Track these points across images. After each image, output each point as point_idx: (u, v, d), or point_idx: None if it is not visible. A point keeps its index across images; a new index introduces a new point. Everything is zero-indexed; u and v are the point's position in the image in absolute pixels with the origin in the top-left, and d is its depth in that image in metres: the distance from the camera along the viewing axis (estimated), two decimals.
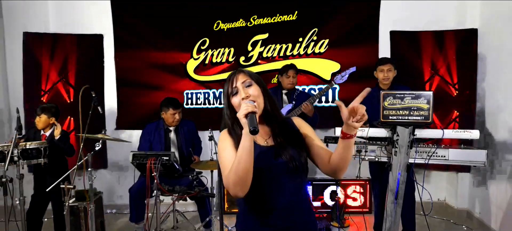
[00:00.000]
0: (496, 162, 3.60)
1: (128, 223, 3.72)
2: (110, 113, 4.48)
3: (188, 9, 4.43)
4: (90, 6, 4.38)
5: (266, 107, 1.51)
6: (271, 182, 1.48)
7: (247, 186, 1.39)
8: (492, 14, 3.79)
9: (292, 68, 3.68)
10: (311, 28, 4.36)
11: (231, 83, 1.51)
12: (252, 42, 4.41)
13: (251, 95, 1.47)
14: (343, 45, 4.34)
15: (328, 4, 4.35)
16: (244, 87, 1.48)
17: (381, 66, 3.29)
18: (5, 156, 2.88)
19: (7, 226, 3.05)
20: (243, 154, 1.35)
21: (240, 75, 1.51)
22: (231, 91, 1.50)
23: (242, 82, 1.49)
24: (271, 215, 1.49)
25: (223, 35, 4.44)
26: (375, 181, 3.40)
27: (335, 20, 4.34)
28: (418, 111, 2.51)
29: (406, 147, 2.56)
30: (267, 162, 1.47)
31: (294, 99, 3.68)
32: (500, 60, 3.65)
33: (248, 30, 4.41)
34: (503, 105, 3.56)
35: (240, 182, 1.37)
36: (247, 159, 1.35)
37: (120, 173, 4.52)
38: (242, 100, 1.45)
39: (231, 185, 1.39)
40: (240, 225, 1.60)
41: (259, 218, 1.51)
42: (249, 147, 1.35)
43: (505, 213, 3.47)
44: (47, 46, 4.28)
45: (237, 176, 1.36)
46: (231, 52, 4.44)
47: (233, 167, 1.38)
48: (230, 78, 1.52)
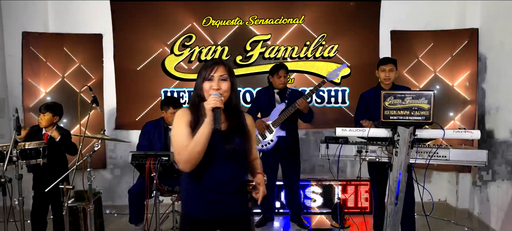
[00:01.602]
0: (496, 162, 3.60)
1: (127, 223, 3.70)
2: (110, 113, 4.46)
3: (173, 2, 4.36)
4: (90, 6, 4.37)
5: (230, 100, 1.73)
6: (213, 159, 1.69)
7: (196, 164, 1.63)
8: (492, 14, 3.79)
9: (282, 68, 3.69)
10: (320, 33, 4.35)
11: (210, 70, 1.69)
12: (252, 42, 4.40)
13: (221, 89, 1.67)
14: (352, 50, 4.33)
15: (335, 10, 4.33)
16: (219, 80, 1.68)
17: (383, 66, 3.27)
18: (4, 156, 2.86)
19: (6, 226, 3.05)
20: (202, 139, 1.60)
21: (220, 68, 1.69)
22: (207, 77, 1.68)
23: (220, 75, 1.68)
24: (210, 187, 1.71)
25: (214, 32, 4.39)
26: (374, 181, 3.39)
27: (343, 26, 4.33)
28: (419, 112, 2.50)
29: (407, 147, 2.55)
30: (215, 142, 1.67)
31: (287, 98, 3.69)
32: (501, 60, 3.64)
33: (246, 29, 4.39)
34: (504, 105, 3.56)
35: (192, 160, 1.62)
36: (203, 143, 1.60)
37: (120, 173, 4.51)
38: (212, 90, 1.66)
39: (183, 161, 1.63)
40: (185, 197, 1.81)
41: (200, 189, 1.73)
42: (207, 134, 1.60)
43: (505, 213, 3.46)
44: (47, 46, 4.27)
45: (191, 156, 1.61)
46: (225, 51, 4.41)
47: (189, 147, 1.61)
48: (211, 65, 1.70)
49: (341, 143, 2.82)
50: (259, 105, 3.82)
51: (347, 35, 4.34)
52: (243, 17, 4.38)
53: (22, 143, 2.99)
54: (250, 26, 4.39)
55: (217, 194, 1.72)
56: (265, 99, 3.76)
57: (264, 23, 4.38)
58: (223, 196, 1.72)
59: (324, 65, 4.38)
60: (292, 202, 3.94)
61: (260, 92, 3.87)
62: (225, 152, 1.69)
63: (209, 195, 1.72)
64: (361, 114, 3.32)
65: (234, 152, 1.70)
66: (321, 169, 4.48)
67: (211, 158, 1.68)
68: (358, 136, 2.75)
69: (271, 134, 3.66)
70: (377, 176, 3.30)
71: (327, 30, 4.35)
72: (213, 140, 1.65)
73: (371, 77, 3.56)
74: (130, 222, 3.57)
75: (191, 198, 1.78)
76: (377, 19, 4.30)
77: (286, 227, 3.92)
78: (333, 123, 4.22)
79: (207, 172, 1.70)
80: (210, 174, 1.70)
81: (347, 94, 4.41)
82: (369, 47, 4.33)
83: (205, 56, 4.40)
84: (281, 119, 3.60)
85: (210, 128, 1.59)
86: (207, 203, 1.73)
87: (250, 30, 4.39)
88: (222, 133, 1.70)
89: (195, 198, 1.76)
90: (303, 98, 3.52)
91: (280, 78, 3.66)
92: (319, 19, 4.35)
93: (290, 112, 3.57)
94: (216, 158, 1.69)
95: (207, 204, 1.73)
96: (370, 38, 4.33)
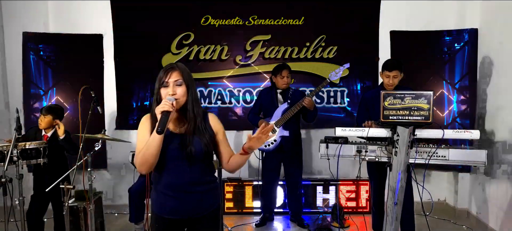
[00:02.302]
0: (496, 162, 3.60)
1: (127, 223, 3.72)
2: (110, 113, 4.47)
3: (170, 1, 4.36)
4: (90, 6, 4.38)
5: (186, 104, 1.74)
6: (172, 162, 1.75)
7: (151, 167, 1.70)
8: (492, 14, 3.79)
9: (285, 68, 3.70)
10: (319, 35, 4.36)
11: (165, 75, 1.71)
12: (251, 42, 4.40)
13: (177, 94, 1.70)
14: (352, 51, 4.35)
15: (336, 11, 4.33)
16: (174, 85, 1.70)
17: (387, 72, 3.15)
18: (5, 156, 2.87)
19: (6, 226, 3.05)
20: (153, 143, 1.64)
21: (175, 73, 1.72)
22: (163, 82, 1.71)
23: (175, 80, 1.71)
24: (172, 190, 1.77)
25: (213, 32, 4.38)
26: (372, 181, 3.40)
27: (343, 27, 4.35)
28: (418, 112, 2.51)
29: (406, 147, 2.55)
30: (172, 146, 1.73)
31: (289, 98, 3.70)
32: (500, 60, 3.65)
33: (246, 29, 4.38)
34: (503, 105, 3.56)
35: (146, 163, 1.68)
36: (155, 146, 1.64)
37: (120, 173, 4.51)
38: (168, 95, 1.68)
39: (138, 163, 1.70)
40: (153, 198, 1.87)
41: (163, 189, 1.79)
42: (159, 138, 1.63)
43: (505, 213, 3.47)
44: (47, 46, 4.27)
45: (144, 159, 1.67)
46: (225, 50, 4.41)
47: (142, 151, 1.67)
48: (166, 70, 1.73)
49: (341, 142, 2.83)
50: (261, 105, 3.82)
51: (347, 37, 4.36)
52: (244, 17, 4.37)
53: (23, 143, 3.00)
54: (250, 25, 4.39)
55: (180, 193, 1.77)
56: (268, 99, 3.77)
57: (264, 23, 4.38)
58: (186, 195, 1.77)
59: (323, 66, 4.39)
60: (293, 202, 3.95)
61: (263, 93, 3.88)
62: (184, 154, 1.73)
63: (172, 195, 1.77)
64: (362, 114, 3.32)
65: (193, 153, 1.73)
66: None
67: (171, 160, 1.74)
68: (358, 135, 2.75)
69: (274, 134, 3.67)
70: (376, 176, 3.30)
71: (327, 32, 4.36)
72: (171, 143, 1.73)
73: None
74: (130, 221, 3.58)
75: (157, 199, 1.84)
76: (376, 20, 4.31)
77: (286, 227, 3.93)
78: (333, 123, 4.24)
79: (169, 174, 1.77)
80: (171, 176, 1.76)
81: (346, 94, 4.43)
82: (368, 47, 4.34)
83: (204, 55, 4.41)
84: (284, 119, 3.61)
85: (160, 134, 1.62)
86: (171, 203, 1.79)
87: (250, 29, 4.39)
88: (181, 136, 1.76)
89: (160, 198, 1.82)
90: (309, 96, 3.53)
91: (283, 78, 3.67)
92: (320, 21, 4.37)
93: (294, 111, 3.57)
94: (175, 160, 1.74)
95: (171, 204, 1.79)
96: (369, 39, 4.33)
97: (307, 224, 3.85)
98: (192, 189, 1.78)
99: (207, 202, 1.84)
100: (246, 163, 4.20)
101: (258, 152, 3.86)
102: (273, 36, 4.38)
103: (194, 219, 1.82)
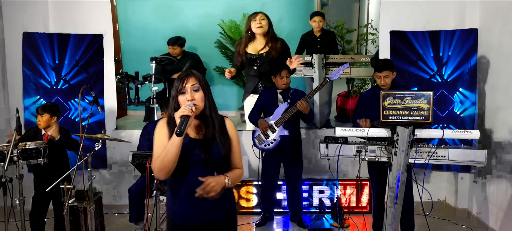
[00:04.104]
0: (496, 162, 3.60)
1: (127, 223, 3.72)
2: (110, 113, 4.47)
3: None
4: (90, 6, 4.37)
5: (204, 109, 1.76)
6: (191, 168, 1.75)
7: (169, 172, 1.69)
8: (491, 14, 3.79)
9: (285, 68, 3.70)
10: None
11: (181, 82, 1.73)
12: None
13: (195, 100, 1.72)
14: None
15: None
16: (192, 91, 1.73)
17: (378, 73, 3.15)
18: (5, 156, 2.87)
19: (6, 226, 3.05)
20: (172, 148, 1.65)
21: (191, 79, 1.74)
22: (180, 89, 1.73)
23: (192, 85, 1.73)
24: (188, 194, 1.74)
25: None
26: (373, 181, 3.40)
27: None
28: (418, 111, 2.51)
29: (406, 147, 2.56)
30: (191, 152, 1.74)
31: (289, 97, 3.70)
32: (500, 60, 3.65)
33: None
34: (503, 105, 3.56)
35: (164, 169, 1.67)
36: (174, 152, 1.64)
37: (120, 173, 4.51)
38: (187, 101, 1.70)
39: (156, 169, 1.70)
40: (168, 202, 1.88)
41: (180, 196, 1.78)
42: (178, 143, 1.64)
43: (505, 213, 3.47)
44: (47, 46, 4.27)
45: (163, 164, 1.67)
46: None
47: (161, 155, 1.67)
48: (182, 77, 1.74)
49: (341, 142, 2.83)
50: (262, 105, 3.83)
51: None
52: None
53: (23, 142, 3.00)
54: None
55: (197, 201, 1.74)
56: (268, 99, 3.78)
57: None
58: (203, 202, 1.75)
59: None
60: (293, 202, 3.95)
61: (263, 92, 3.89)
62: (203, 160, 1.75)
63: (189, 202, 1.77)
64: (359, 114, 3.33)
65: (212, 159, 1.75)
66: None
67: (189, 166, 1.75)
68: (358, 135, 2.76)
69: (274, 133, 3.67)
70: (376, 175, 3.30)
71: None
72: (190, 149, 1.74)
73: None
74: (130, 221, 3.58)
75: (173, 206, 1.84)
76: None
77: (286, 227, 3.93)
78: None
79: (186, 180, 1.76)
80: (189, 182, 1.75)
81: None
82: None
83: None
84: (284, 118, 3.61)
85: (180, 138, 1.64)
86: (188, 210, 1.79)
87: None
88: (200, 142, 1.77)
89: (177, 205, 1.82)
90: (303, 99, 3.53)
91: (282, 78, 3.68)
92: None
93: (292, 112, 3.58)
94: (194, 166, 1.75)
95: (188, 211, 1.79)
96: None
97: (307, 224, 3.85)
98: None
99: (225, 206, 1.85)
100: (246, 163, 4.21)
101: (258, 152, 3.86)
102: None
103: (214, 223, 1.83)
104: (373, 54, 4.73)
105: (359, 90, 5.25)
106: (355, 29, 6.04)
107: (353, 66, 4.53)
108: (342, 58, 4.45)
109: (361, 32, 6.07)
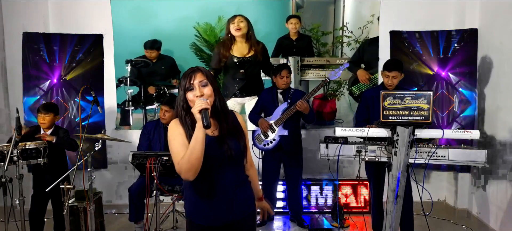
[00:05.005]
0: (496, 162, 3.60)
1: (127, 223, 3.72)
2: (110, 113, 4.47)
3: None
4: (90, 6, 4.37)
5: (215, 104, 1.72)
6: (214, 166, 1.71)
7: (197, 171, 1.61)
8: (491, 14, 3.79)
9: (285, 68, 3.70)
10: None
11: (188, 79, 1.68)
12: None
13: (205, 95, 1.67)
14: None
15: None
16: (200, 86, 1.68)
17: (387, 72, 3.16)
18: (5, 156, 2.87)
19: (6, 226, 3.05)
20: (197, 145, 1.58)
21: (198, 74, 1.69)
22: (188, 86, 1.68)
23: (199, 81, 1.68)
24: (214, 194, 1.72)
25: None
26: (371, 181, 3.40)
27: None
28: (418, 112, 2.51)
29: (406, 147, 2.56)
30: (212, 150, 1.68)
31: (289, 97, 3.70)
32: (500, 60, 3.65)
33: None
34: (503, 105, 3.56)
35: (192, 168, 1.59)
36: (199, 149, 1.58)
37: (120, 173, 4.51)
38: (196, 97, 1.65)
39: (184, 171, 1.60)
40: (189, 205, 1.82)
41: (204, 197, 1.74)
42: (202, 138, 1.58)
43: (505, 213, 3.47)
44: (47, 46, 4.26)
45: (190, 164, 1.58)
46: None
47: (186, 155, 1.59)
48: (189, 74, 1.70)
49: (341, 142, 2.83)
50: (262, 105, 3.83)
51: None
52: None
53: (23, 142, 3.00)
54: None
55: (219, 200, 1.73)
56: (268, 99, 3.78)
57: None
58: (226, 201, 1.74)
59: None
60: (293, 202, 3.95)
61: (264, 92, 3.89)
62: (222, 157, 1.70)
63: (211, 202, 1.74)
64: (362, 112, 3.33)
65: (232, 155, 1.71)
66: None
67: (210, 165, 1.68)
68: (358, 136, 2.76)
69: (273, 133, 3.67)
70: (374, 175, 3.30)
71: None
72: (208, 147, 1.66)
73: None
74: (130, 220, 3.59)
75: (193, 206, 1.79)
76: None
77: (286, 227, 3.93)
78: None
79: (208, 179, 1.72)
80: (211, 181, 1.72)
81: None
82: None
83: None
84: (283, 118, 3.61)
85: (202, 131, 1.58)
86: (210, 210, 1.75)
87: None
88: (216, 139, 1.73)
89: (198, 205, 1.77)
90: (302, 99, 3.53)
91: (282, 78, 3.68)
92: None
93: (291, 112, 3.58)
94: (214, 164, 1.71)
95: (210, 211, 1.75)
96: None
97: (307, 224, 3.85)
98: (234, 191, 1.76)
99: (248, 202, 1.85)
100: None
101: (258, 151, 3.86)
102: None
103: (233, 224, 1.79)
104: (349, 58, 4.75)
105: (335, 93, 5.24)
106: (330, 32, 6.01)
107: (328, 69, 4.57)
108: (317, 61, 4.52)
109: (337, 35, 6.05)
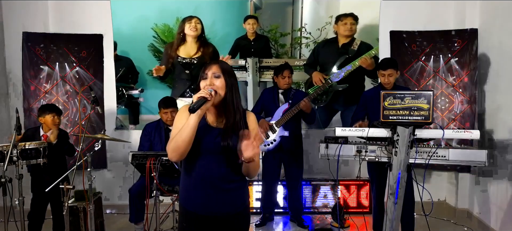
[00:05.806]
0: (496, 162, 3.60)
1: (127, 223, 3.72)
2: (110, 113, 4.47)
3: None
4: (90, 6, 4.37)
5: (226, 98, 1.76)
6: (208, 156, 1.76)
7: (182, 155, 1.69)
8: (491, 14, 3.79)
9: (287, 68, 3.70)
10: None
11: (204, 69, 1.79)
12: None
13: (215, 86, 1.73)
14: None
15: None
16: (212, 77, 1.75)
17: (382, 71, 3.20)
18: (4, 156, 2.87)
19: (6, 226, 3.05)
20: (187, 128, 1.66)
21: (214, 66, 1.78)
22: (202, 75, 1.78)
23: (213, 72, 1.76)
24: (203, 184, 1.77)
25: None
26: (373, 181, 3.40)
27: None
28: (418, 111, 2.51)
29: (406, 147, 2.55)
30: (209, 138, 1.75)
31: (291, 98, 3.70)
32: (500, 60, 3.65)
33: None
34: (503, 105, 3.56)
35: (178, 150, 1.67)
36: (188, 132, 1.65)
37: (120, 173, 4.51)
38: (206, 86, 1.73)
39: (170, 150, 1.70)
40: (183, 192, 1.86)
41: (194, 185, 1.79)
42: (193, 124, 1.65)
43: (505, 213, 3.47)
44: (47, 46, 4.27)
45: (176, 144, 1.67)
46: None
47: (176, 136, 1.67)
48: (207, 65, 1.80)
49: (341, 142, 2.83)
50: (263, 105, 3.83)
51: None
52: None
53: (22, 142, 3.00)
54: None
55: (211, 189, 1.77)
56: (269, 99, 3.78)
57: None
58: (217, 192, 1.78)
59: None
60: (294, 202, 3.95)
61: (265, 92, 3.89)
62: (220, 147, 1.74)
63: (203, 190, 1.78)
64: (359, 112, 3.33)
65: (229, 148, 1.73)
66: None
67: (205, 152, 1.75)
68: (358, 136, 2.75)
69: (274, 133, 3.67)
70: (376, 175, 3.30)
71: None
72: (209, 135, 1.75)
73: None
74: (130, 221, 3.58)
75: (186, 192, 1.84)
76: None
77: (286, 227, 3.93)
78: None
79: (202, 166, 1.77)
80: (204, 168, 1.77)
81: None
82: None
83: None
84: (284, 119, 3.61)
85: (196, 117, 1.66)
86: (201, 198, 1.79)
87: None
88: (219, 130, 1.78)
89: (190, 191, 1.82)
90: (306, 99, 3.53)
91: (284, 78, 3.67)
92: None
93: (293, 112, 3.58)
94: (210, 152, 1.76)
95: (201, 199, 1.79)
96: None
97: (307, 224, 3.85)
98: (222, 185, 1.78)
99: (236, 200, 1.84)
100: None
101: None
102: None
103: (224, 216, 1.81)
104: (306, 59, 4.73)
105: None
106: (288, 33, 5.99)
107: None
108: (276, 62, 4.50)
109: (295, 36, 6.03)
